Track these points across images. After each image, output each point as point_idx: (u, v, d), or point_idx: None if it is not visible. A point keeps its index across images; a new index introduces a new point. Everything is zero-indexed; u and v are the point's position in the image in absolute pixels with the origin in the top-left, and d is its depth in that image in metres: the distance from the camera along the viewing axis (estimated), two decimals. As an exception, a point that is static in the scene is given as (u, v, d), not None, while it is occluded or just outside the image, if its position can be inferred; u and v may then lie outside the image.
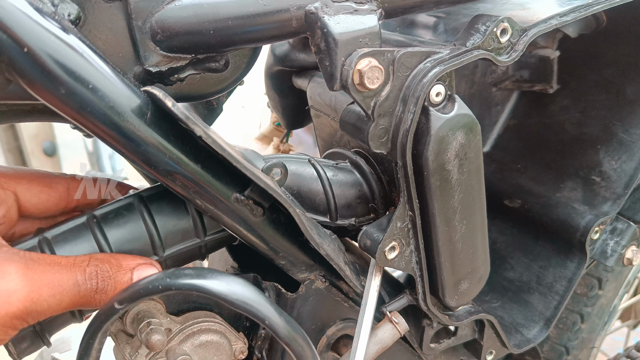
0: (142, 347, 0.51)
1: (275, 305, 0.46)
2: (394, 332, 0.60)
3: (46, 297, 0.42)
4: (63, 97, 0.40)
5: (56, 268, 0.43)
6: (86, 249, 0.48)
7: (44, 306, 0.43)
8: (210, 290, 0.44)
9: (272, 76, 0.86)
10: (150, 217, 0.50)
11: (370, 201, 0.60)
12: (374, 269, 0.58)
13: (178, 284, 0.44)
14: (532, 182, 0.79)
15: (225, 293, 0.44)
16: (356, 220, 0.60)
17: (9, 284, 0.41)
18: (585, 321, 0.91)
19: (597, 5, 0.55)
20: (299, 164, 0.59)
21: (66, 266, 0.44)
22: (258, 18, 0.47)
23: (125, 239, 0.49)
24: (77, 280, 0.44)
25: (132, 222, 0.49)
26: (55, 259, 0.44)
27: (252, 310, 0.45)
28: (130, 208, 0.50)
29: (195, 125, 0.42)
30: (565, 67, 0.76)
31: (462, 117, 0.51)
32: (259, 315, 0.45)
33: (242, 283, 0.46)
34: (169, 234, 0.51)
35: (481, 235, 0.59)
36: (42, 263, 0.43)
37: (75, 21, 0.42)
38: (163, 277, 0.44)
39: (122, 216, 0.49)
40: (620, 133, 0.72)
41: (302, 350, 0.47)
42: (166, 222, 0.51)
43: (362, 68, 0.46)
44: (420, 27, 0.62)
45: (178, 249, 0.52)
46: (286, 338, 0.46)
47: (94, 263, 0.45)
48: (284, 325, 0.46)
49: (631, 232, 0.73)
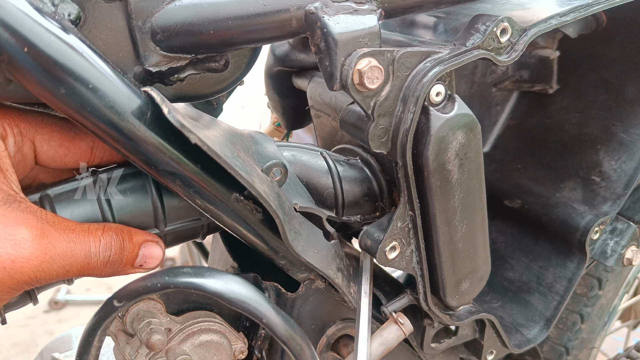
0: (142, 347, 0.51)
1: (273, 304, 0.46)
2: (399, 333, 0.60)
3: (56, 268, 0.42)
4: (63, 97, 0.40)
5: (71, 236, 0.43)
6: (88, 212, 0.47)
7: (52, 275, 0.42)
8: (208, 288, 0.44)
9: (272, 76, 0.86)
10: (157, 189, 0.49)
11: (378, 199, 0.60)
12: (367, 272, 0.58)
13: (177, 282, 0.44)
14: (532, 182, 0.79)
15: (223, 292, 0.44)
16: (362, 217, 0.60)
17: (23, 251, 0.40)
18: (585, 321, 0.91)
19: (597, 6, 0.55)
20: (311, 155, 0.58)
21: (80, 234, 0.44)
22: (258, 18, 0.47)
23: (129, 208, 0.48)
24: (90, 252, 0.44)
25: (138, 191, 0.49)
26: (70, 225, 0.44)
27: (249, 308, 0.45)
28: (138, 177, 0.49)
29: (190, 133, 0.42)
30: (565, 67, 0.76)
31: (462, 116, 0.51)
32: (257, 314, 0.45)
33: (240, 282, 0.46)
34: (173, 208, 0.50)
35: (482, 234, 0.59)
36: (57, 229, 0.42)
37: (75, 21, 0.42)
38: (162, 275, 0.44)
39: (129, 184, 0.49)
40: (620, 133, 0.72)
41: (300, 349, 0.47)
42: (172, 197, 0.50)
43: (361, 68, 0.46)
44: (420, 27, 0.62)
45: (180, 224, 0.51)
46: (284, 336, 0.46)
47: (108, 233, 0.45)
48: (282, 323, 0.46)
49: (631, 232, 0.73)
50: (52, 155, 0.47)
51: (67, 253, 0.43)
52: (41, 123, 0.46)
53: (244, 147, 0.50)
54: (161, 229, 0.50)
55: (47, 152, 0.46)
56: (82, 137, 0.48)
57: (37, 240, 0.41)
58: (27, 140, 0.45)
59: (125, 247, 0.46)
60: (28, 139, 0.45)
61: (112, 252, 0.45)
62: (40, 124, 0.46)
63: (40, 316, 2.26)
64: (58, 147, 0.47)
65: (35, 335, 2.16)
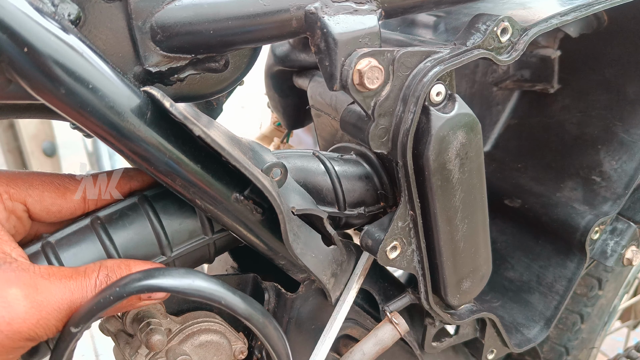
0: (142, 347, 0.51)
1: (228, 285, 0.46)
2: (394, 333, 0.60)
3: (55, 322, 0.42)
4: (63, 97, 0.40)
5: (67, 285, 0.42)
6: (92, 252, 0.47)
7: (52, 329, 0.42)
8: (162, 286, 0.43)
9: (272, 76, 0.86)
10: (155, 216, 0.49)
11: (379, 189, 0.59)
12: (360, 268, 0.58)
13: (129, 289, 0.42)
14: (533, 182, 0.79)
15: (177, 286, 0.43)
16: (365, 209, 0.60)
17: (17, 311, 0.40)
18: (585, 321, 0.91)
19: (598, 5, 0.55)
20: (304, 158, 0.59)
21: (76, 280, 0.43)
22: (258, 18, 0.47)
23: (132, 240, 0.48)
24: (88, 296, 0.43)
25: (138, 222, 0.49)
26: (65, 273, 0.43)
27: (206, 295, 0.44)
28: (134, 208, 0.49)
29: (193, 125, 0.42)
30: (566, 66, 0.76)
31: (463, 116, 0.51)
32: (215, 299, 0.44)
33: (191, 272, 0.45)
34: (175, 232, 0.50)
35: (483, 234, 0.59)
36: (53, 280, 0.42)
37: (75, 21, 0.42)
38: (112, 287, 0.43)
39: (127, 217, 0.49)
40: (620, 133, 0.72)
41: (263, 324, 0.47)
42: (172, 220, 0.50)
43: (362, 68, 0.46)
44: (421, 26, 0.62)
45: (186, 247, 0.51)
46: (245, 314, 0.46)
47: (104, 272, 0.44)
48: (241, 302, 0.46)
49: (631, 233, 0.73)
50: (46, 213, 0.47)
51: (63, 304, 0.42)
52: (31, 185, 0.46)
53: (243, 150, 0.50)
54: (168, 255, 0.50)
55: (40, 212, 0.47)
56: (72, 190, 0.48)
57: (30, 298, 0.40)
58: (19, 204, 0.46)
59: None
60: (19, 202, 0.46)
61: None
62: (30, 187, 0.46)
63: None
64: (51, 206, 0.47)
65: (36, 334, 2.15)
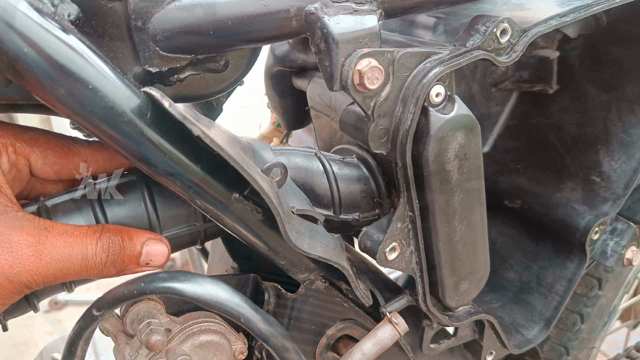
0: (142, 348, 0.51)
1: (251, 302, 0.46)
2: (393, 333, 0.60)
3: (53, 271, 0.43)
4: (63, 97, 0.40)
5: (68, 240, 0.44)
6: (83, 222, 0.48)
7: (50, 278, 0.43)
8: (185, 292, 0.44)
9: (272, 77, 0.86)
10: (150, 197, 0.50)
11: (376, 196, 0.60)
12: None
13: (153, 288, 0.44)
14: (532, 183, 0.79)
15: (200, 294, 0.45)
16: (360, 215, 0.60)
17: (20, 256, 0.42)
18: (585, 321, 0.91)
19: (597, 6, 0.55)
20: (305, 157, 0.59)
21: (77, 237, 0.44)
22: (258, 18, 0.47)
23: (124, 217, 0.49)
24: (87, 253, 0.44)
25: (132, 200, 0.50)
26: (67, 229, 0.45)
27: (227, 309, 0.45)
28: (132, 186, 0.50)
29: (192, 125, 0.42)
30: (565, 67, 0.76)
31: (462, 117, 0.51)
32: (234, 314, 0.45)
33: (217, 283, 0.46)
34: (167, 217, 0.51)
35: (481, 235, 0.59)
36: (54, 233, 0.44)
37: (75, 21, 0.42)
38: (138, 281, 0.44)
39: (123, 193, 0.49)
40: (619, 133, 0.72)
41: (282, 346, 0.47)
42: (166, 204, 0.51)
43: (362, 68, 0.46)
44: (420, 27, 0.62)
45: (175, 232, 0.52)
46: (264, 335, 0.46)
47: (106, 235, 0.46)
48: (262, 322, 0.46)
49: (631, 233, 0.73)
50: (47, 170, 0.48)
51: (64, 256, 0.44)
52: (36, 142, 0.47)
53: (243, 150, 0.50)
54: None
55: (42, 168, 0.48)
56: (75, 152, 0.49)
57: (34, 247, 0.42)
58: (22, 158, 0.47)
59: (125, 246, 0.46)
60: (23, 156, 0.47)
61: (111, 253, 0.46)
62: (35, 143, 0.47)
63: (41, 316, 2.26)
64: (53, 164, 0.48)
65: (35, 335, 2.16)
